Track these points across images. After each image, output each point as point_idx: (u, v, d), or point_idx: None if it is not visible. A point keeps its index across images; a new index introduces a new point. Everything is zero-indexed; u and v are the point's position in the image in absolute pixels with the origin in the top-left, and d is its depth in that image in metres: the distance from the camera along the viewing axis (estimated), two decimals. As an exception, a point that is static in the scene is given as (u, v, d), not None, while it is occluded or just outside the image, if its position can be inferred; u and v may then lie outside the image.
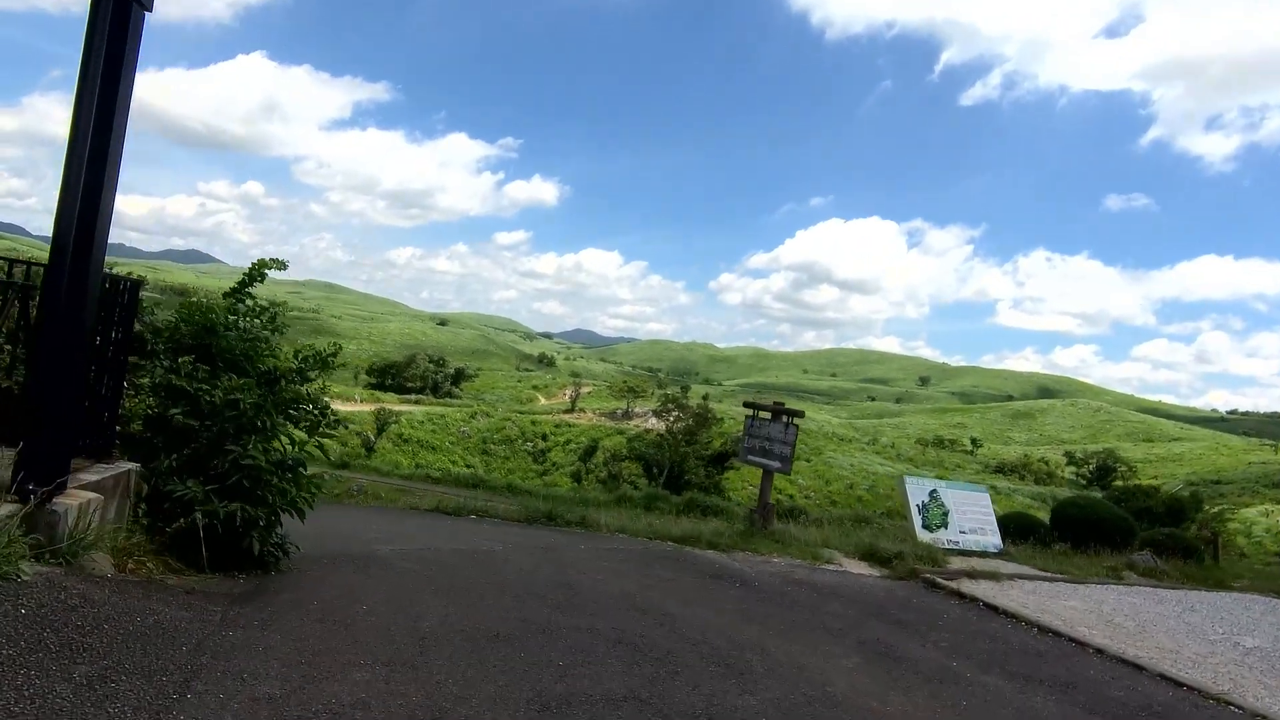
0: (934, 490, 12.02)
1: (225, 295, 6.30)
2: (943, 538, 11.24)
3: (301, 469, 5.67)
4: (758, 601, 6.82)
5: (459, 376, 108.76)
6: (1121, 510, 21.01)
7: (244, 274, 6.33)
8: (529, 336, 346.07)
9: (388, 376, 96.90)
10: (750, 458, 11.35)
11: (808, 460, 67.69)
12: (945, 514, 11.68)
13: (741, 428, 12.14)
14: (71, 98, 4.16)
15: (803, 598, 7.23)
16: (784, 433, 10.96)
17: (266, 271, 6.30)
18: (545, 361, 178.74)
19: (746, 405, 12.35)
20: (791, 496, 60.80)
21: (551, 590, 6.02)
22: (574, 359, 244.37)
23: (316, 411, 6.06)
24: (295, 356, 6.11)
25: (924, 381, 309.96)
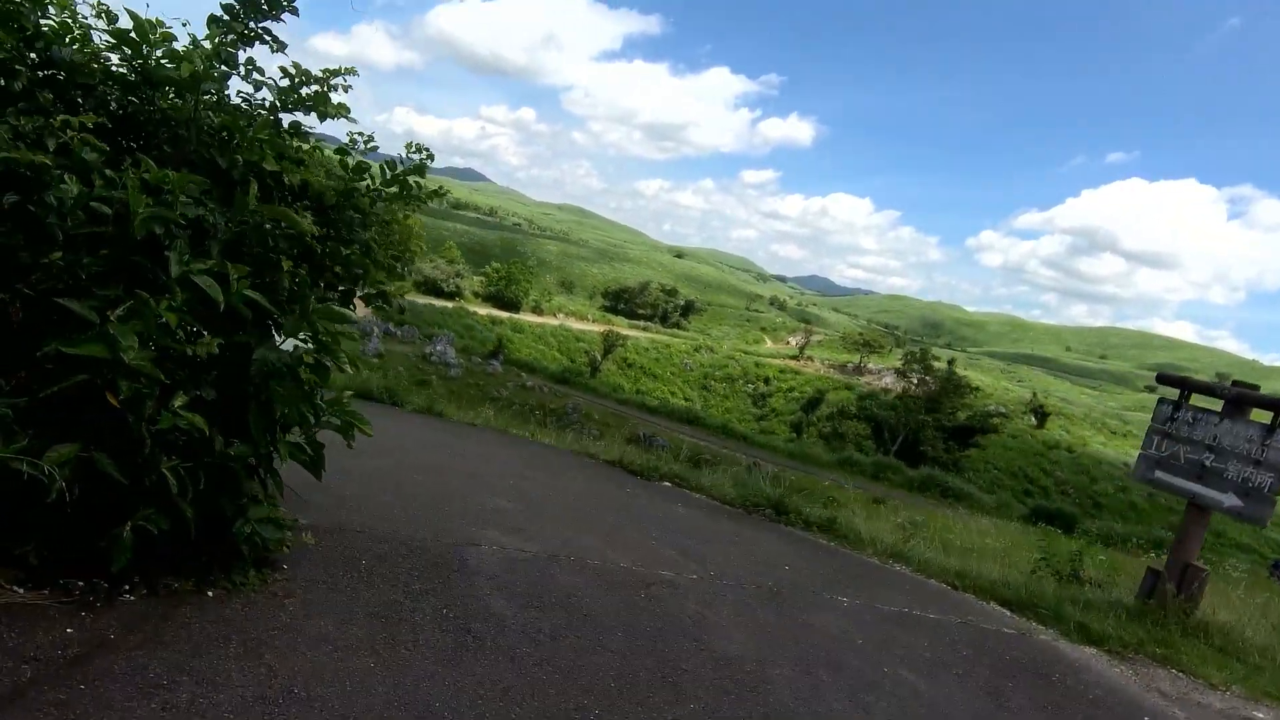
0: None
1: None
2: None
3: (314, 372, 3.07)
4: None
5: (688, 309, 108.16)
6: None
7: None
8: (762, 278, 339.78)
9: (620, 301, 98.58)
10: (1166, 478, 6.16)
11: (1069, 450, 57.98)
12: None
13: (994, 400, 7.92)
14: (394, 28, 1.61)
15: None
16: (1262, 445, 5.57)
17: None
18: (776, 304, 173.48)
19: (1165, 381, 6.72)
20: (1045, 490, 52.48)
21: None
22: (806, 305, 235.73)
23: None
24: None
25: (1222, 379, 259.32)
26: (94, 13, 3.03)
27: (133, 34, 2.98)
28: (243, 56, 3.41)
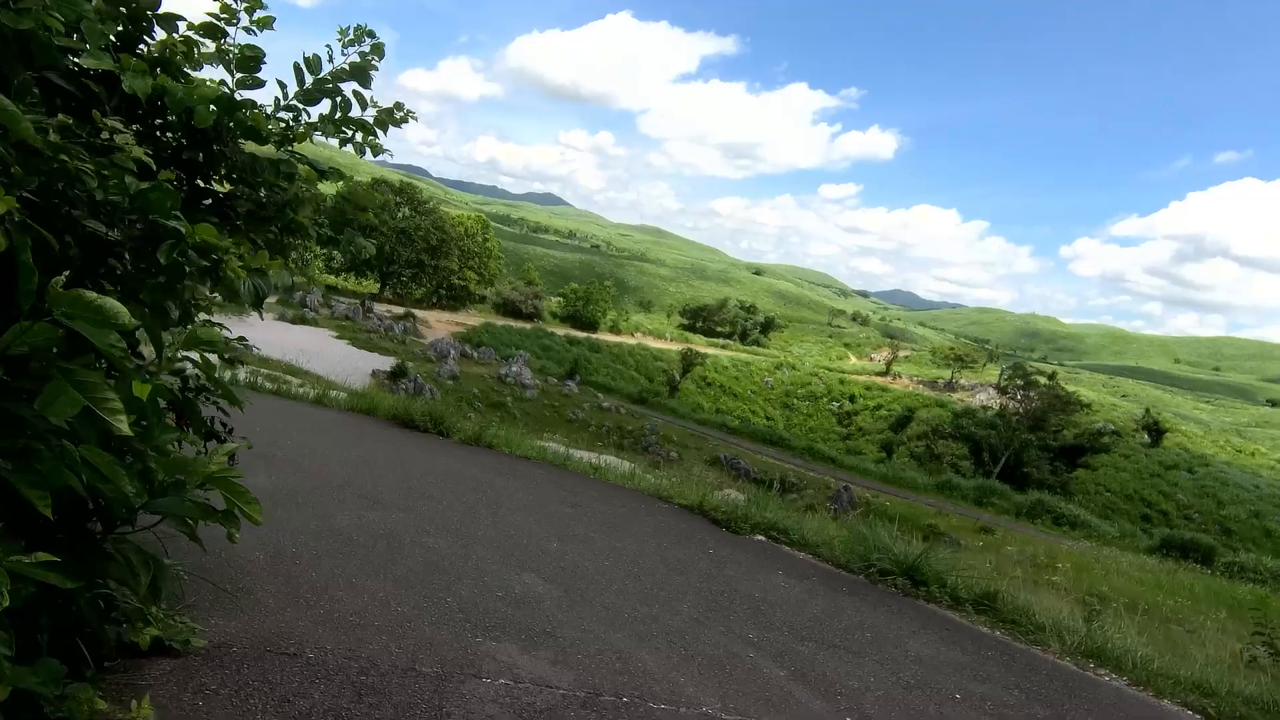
0: None
1: None
2: None
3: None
4: None
5: (768, 325, 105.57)
6: None
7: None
8: (843, 293, 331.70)
9: (699, 318, 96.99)
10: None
11: (1190, 471, 52.58)
12: None
13: (1102, 417, 6.24)
14: (478, 61, 0.58)
15: None
16: None
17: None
18: (859, 320, 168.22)
19: None
20: (1166, 514, 47.60)
21: None
22: (890, 320, 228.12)
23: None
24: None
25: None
26: None
27: None
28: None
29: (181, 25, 2.12)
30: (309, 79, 2.23)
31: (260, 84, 2.13)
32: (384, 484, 5.36)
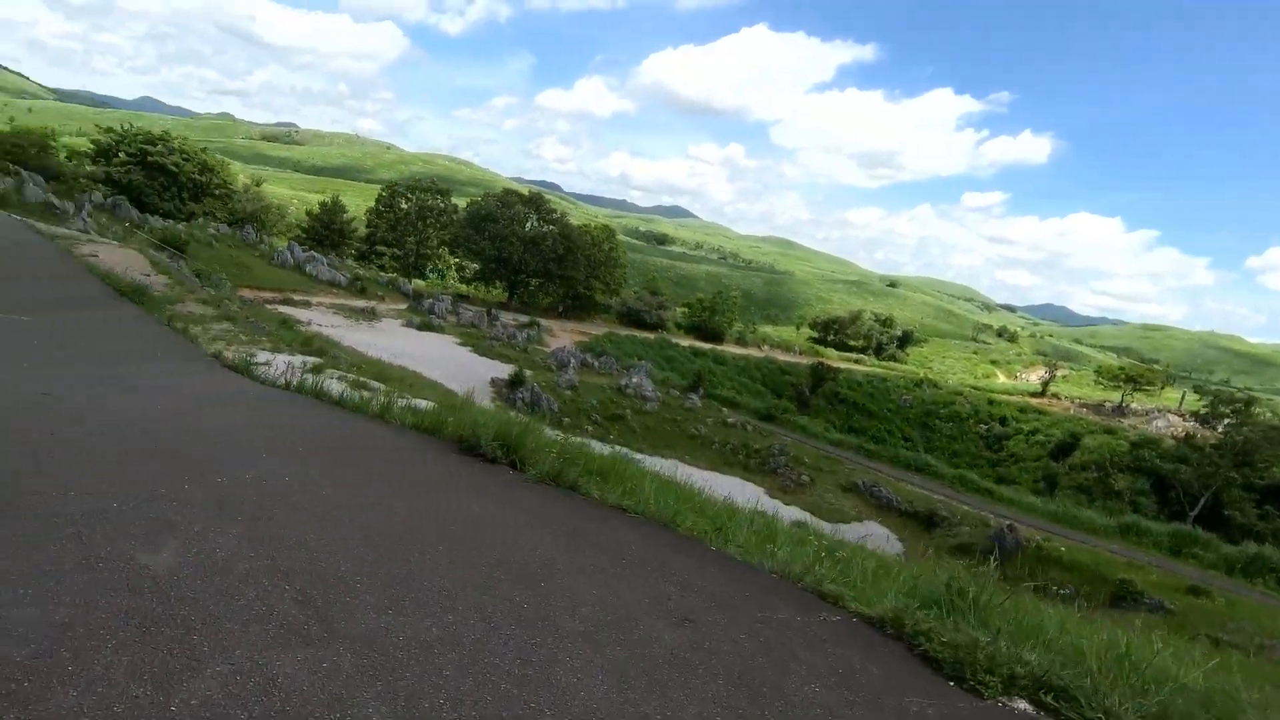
0: None
1: None
2: None
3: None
4: None
5: (905, 340, 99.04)
6: None
7: None
8: (988, 307, 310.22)
9: (830, 331, 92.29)
10: None
11: None
12: None
13: None
14: (612, 80, 0.52)
15: None
16: None
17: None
18: (1006, 336, 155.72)
19: None
20: None
21: None
22: (1042, 336, 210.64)
23: None
24: None
25: None
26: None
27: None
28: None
29: None
30: None
31: None
32: (361, 568, 3.34)
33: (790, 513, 21.98)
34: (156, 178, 51.12)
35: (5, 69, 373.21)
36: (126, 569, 2.97)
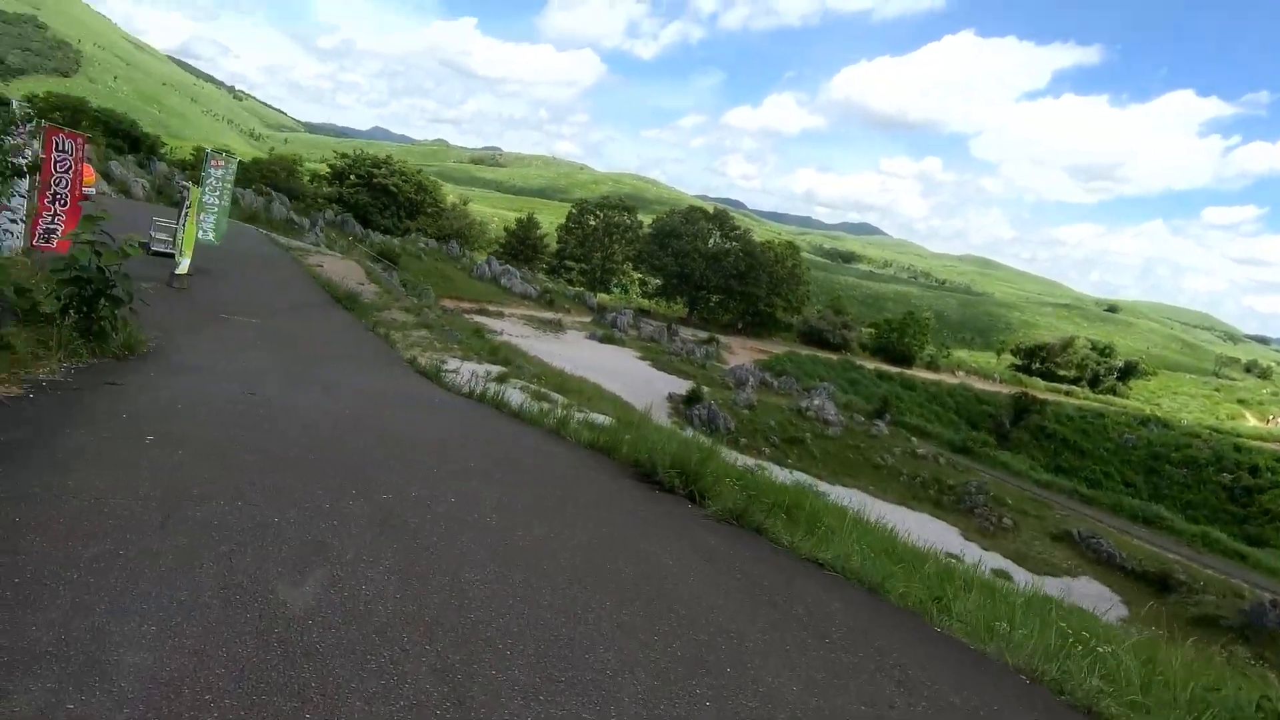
0: None
1: None
2: None
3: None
4: None
5: (1129, 371, 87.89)
6: None
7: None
8: (1233, 338, 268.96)
9: (1035, 358, 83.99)
10: None
11: None
12: None
13: None
14: (801, 96, 0.52)
15: None
16: None
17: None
18: (1257, 371, 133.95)
19: None
20: None
21: None
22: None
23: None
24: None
25: None
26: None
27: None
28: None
29: None
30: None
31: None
32: (514, 629, 2.80)
33: (991, 559, 19.66)
34: (379, 197, 56.75)
35: (269, 106, 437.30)
36: (261, 606, 2.63)
